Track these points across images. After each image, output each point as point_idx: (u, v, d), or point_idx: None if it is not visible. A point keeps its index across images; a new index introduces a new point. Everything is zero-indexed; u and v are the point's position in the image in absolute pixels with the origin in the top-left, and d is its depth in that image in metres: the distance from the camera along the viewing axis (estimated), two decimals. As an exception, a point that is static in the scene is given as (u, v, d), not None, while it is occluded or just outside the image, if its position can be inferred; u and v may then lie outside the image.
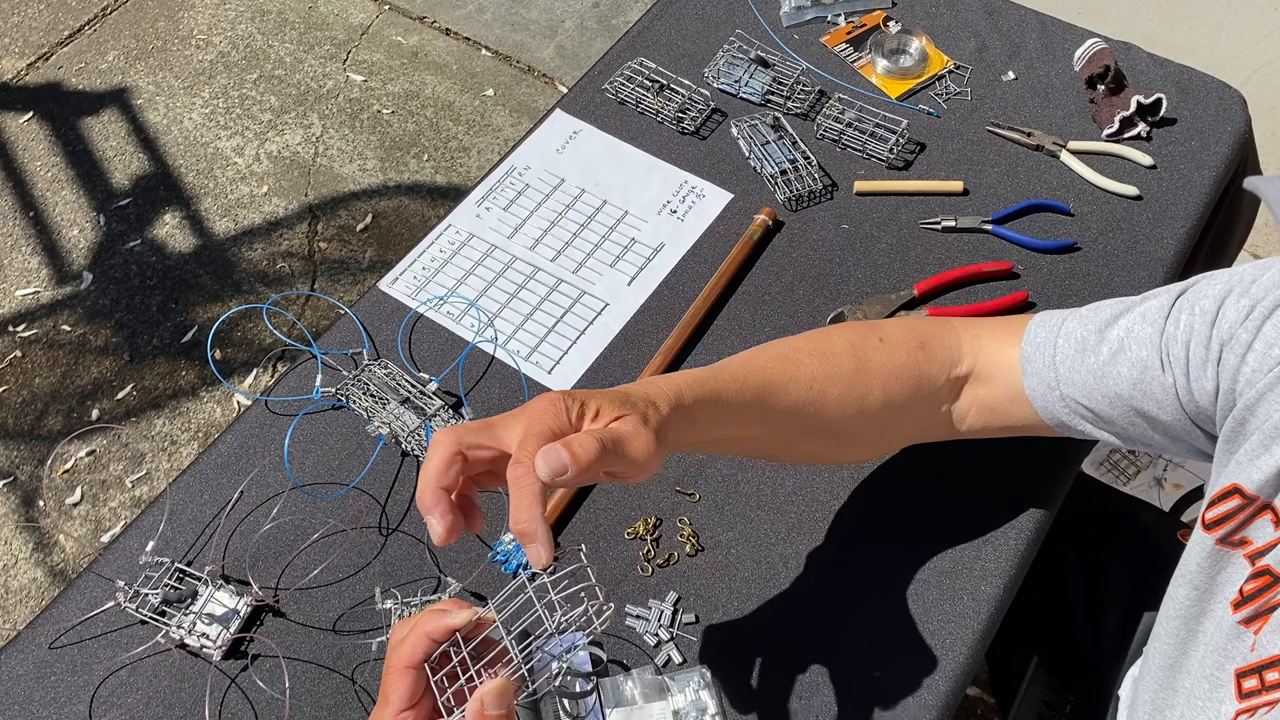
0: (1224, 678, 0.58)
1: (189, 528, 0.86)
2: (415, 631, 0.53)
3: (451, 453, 0.55)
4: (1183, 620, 0.64)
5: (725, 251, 1.01)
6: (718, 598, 0.81)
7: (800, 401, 0.70)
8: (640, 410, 0.58)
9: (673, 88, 1.12)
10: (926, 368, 0.74)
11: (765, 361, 0.71)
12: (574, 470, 0.53)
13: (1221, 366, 0.62)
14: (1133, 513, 1.06)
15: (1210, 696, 0.59)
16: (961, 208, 1.04)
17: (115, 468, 1.82)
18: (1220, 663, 0.59)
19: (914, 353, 0.74)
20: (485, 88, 2.38)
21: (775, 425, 0.71)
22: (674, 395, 0.62)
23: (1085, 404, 0.71)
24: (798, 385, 0.70)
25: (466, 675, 0.52)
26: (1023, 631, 0.97)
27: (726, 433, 0.68)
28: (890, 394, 0.73)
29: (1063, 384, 0.71)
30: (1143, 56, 1.15)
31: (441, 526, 0.54)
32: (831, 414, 0.71)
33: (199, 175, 2.22)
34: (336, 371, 0.94)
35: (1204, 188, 1.05)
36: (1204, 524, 0.62)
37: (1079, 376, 0.70)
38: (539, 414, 0.56)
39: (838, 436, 0.75)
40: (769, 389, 0.69)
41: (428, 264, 1.02)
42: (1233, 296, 0.62)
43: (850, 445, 0.78)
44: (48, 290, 2.06)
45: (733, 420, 0.67)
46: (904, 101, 1.12)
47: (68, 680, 0.78)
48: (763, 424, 0.70)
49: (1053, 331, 0.73)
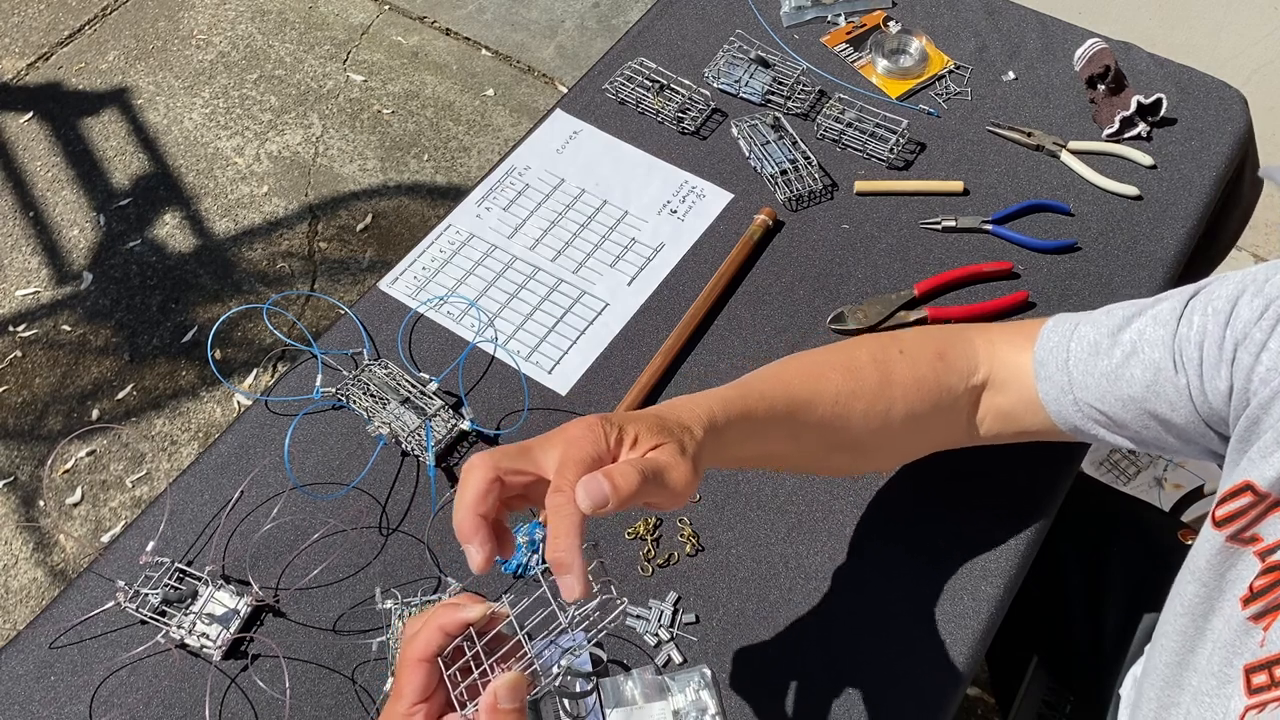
0: (1232, 674, 0.58)
1: (189, 528, 0.86)
2: (429, 625, 0.53)
3: (490, 479, 0.54)
4: (1190, 617, 0.64)
5: (725, 251, 1.01)
6: (718, 598, 0.81)
7: (826, 417, 0.70)
8: (677, 438, 0.58)
9: (673, 88, 1.12)
10: (946, 378, 0.74)
11: (791, 378, 0.71)
12: (615, 502, 0.52)
13: (1236, 366, 0.62)
14: (1133, 513, 1.06)
15: (1218, 693, 0.59)
16: (961, 208, 1.04)
17: (115, 468, 1.83)
18: (1229, 659, 0.59)
19: (934, 364, 0.74)
20: (485, 88, 2.38)
21: (801, 442, 0.71)
22: (707, 419, 0.61)
23: (1099, 408, 0.71)
24: (824, 401, 0.70)
25: (480, 670, 0.52)
26: (1023, 631, 0.97)
27: (754, 451, 0.68)
28: (912, 406, 0.73)
29: (1076, 388, 0.71)
30: (1143, 56, 1.15)
31: (480, 555, 0.54)
32: (856, 428, 0.71)
33: (199, 175, 2.22)
34: (336, 371, 0.94)
35: (1204, 188, 1.05)
36: (1214, 521, 0.62)
37: (1092, 380, 0.70)
38: (577, 440, 0.55)
39: (860, 449, 0.75)
40: (796, 406, 0.69)
41: (428, 264, 1.02)
42: (1246, 296, 0.62)
43: (871, 457, 0.78)
44: (48, 290, 2.06)
45: (761, 438, 0.67)
46: (904, 101, 1.12)
47: (68, 680, 0.78)
48: (790, 441, 0.70)
49: (1065, 336, 0.73)
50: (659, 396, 0.92)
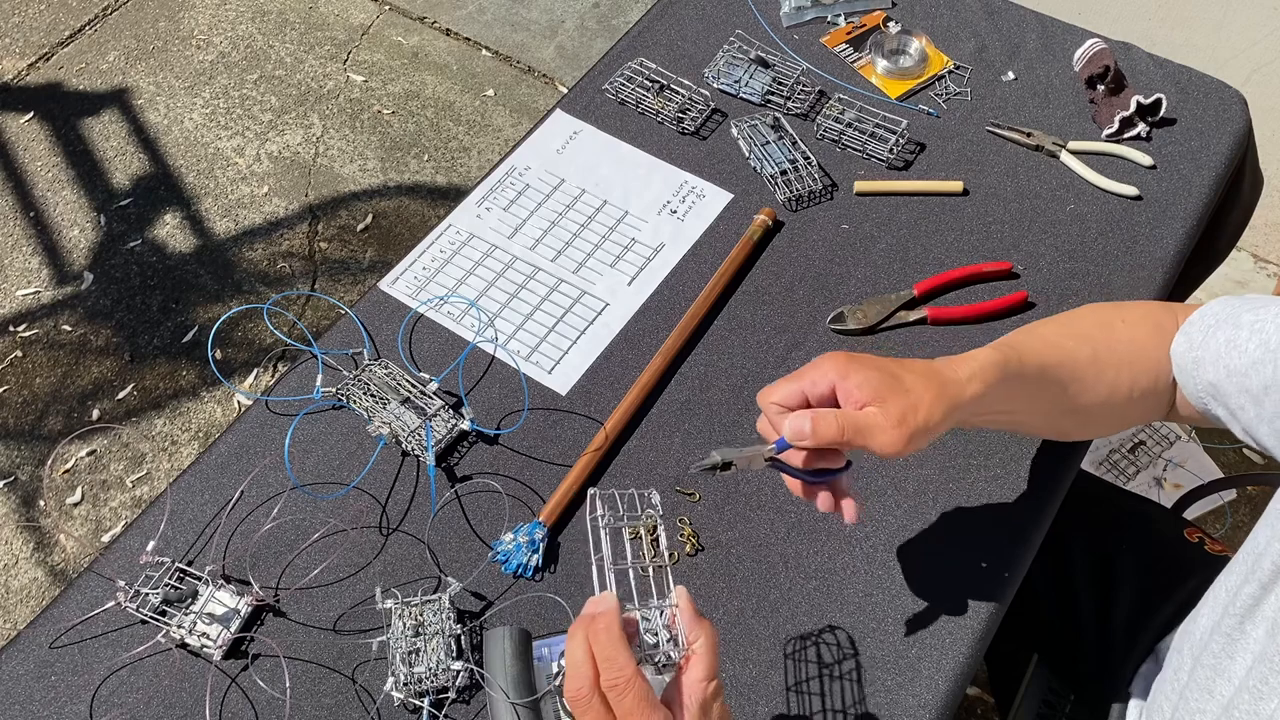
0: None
1: (189, 528, 0.86)
2: (609, 613, 0.57)
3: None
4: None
5: (725, 251, 1.01)
6: (718, 598, 0.82)
7: (1070, 384, 0.73)
8: (899, 408, 0.62)
9: (673, 88, 1.12)
10: (1161, 351, 0.76)
11: (1049, 343, 0.74)
12: (811, 443, 0.63)
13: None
14: (1142, 511, 1.06)
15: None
16: (961, 207, 1.04)
17: (116, 468, 1.83)
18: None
19: (1153, 335, 0.76)
20: (485, 88, 2.38)
21: (1046, 405, 0.74)
22: (957, 395, 0.66)
23: (1211, 379, 0.72)
24: (1071, 368, 0.73)
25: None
26: (1023, 630, 0.97)
27: (1004, 409, 0.71)
28: (1137, 377, 0.75)
29: (1201, 365, 0.73)
30: (1143, 56, 1.15)
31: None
32: (1089, 395, 0.74)
33: (199, 175, 2.22)
34: (337, 371, 0.94)
35: (1204, 188, 1.05)
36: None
37: (1209, 352, 0.72)
38: (816, 365, 0.66)
39: (1086, 415, 0.77)
40: (1048, 371, 0.72)
41: (428, 264, 1.02)
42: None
43: (1092, 425, 0.80)
44: (48, 290, 2.06)
45: (1017, 400, 0.71)
46: (904, 102, 1.12)
47: (68, 680, 0.78)
48: (1037, 403, 0.74)
49: (1212, 315, 0.74)
50: (659, 397, 0.92)
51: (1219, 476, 1.66)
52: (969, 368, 0.68)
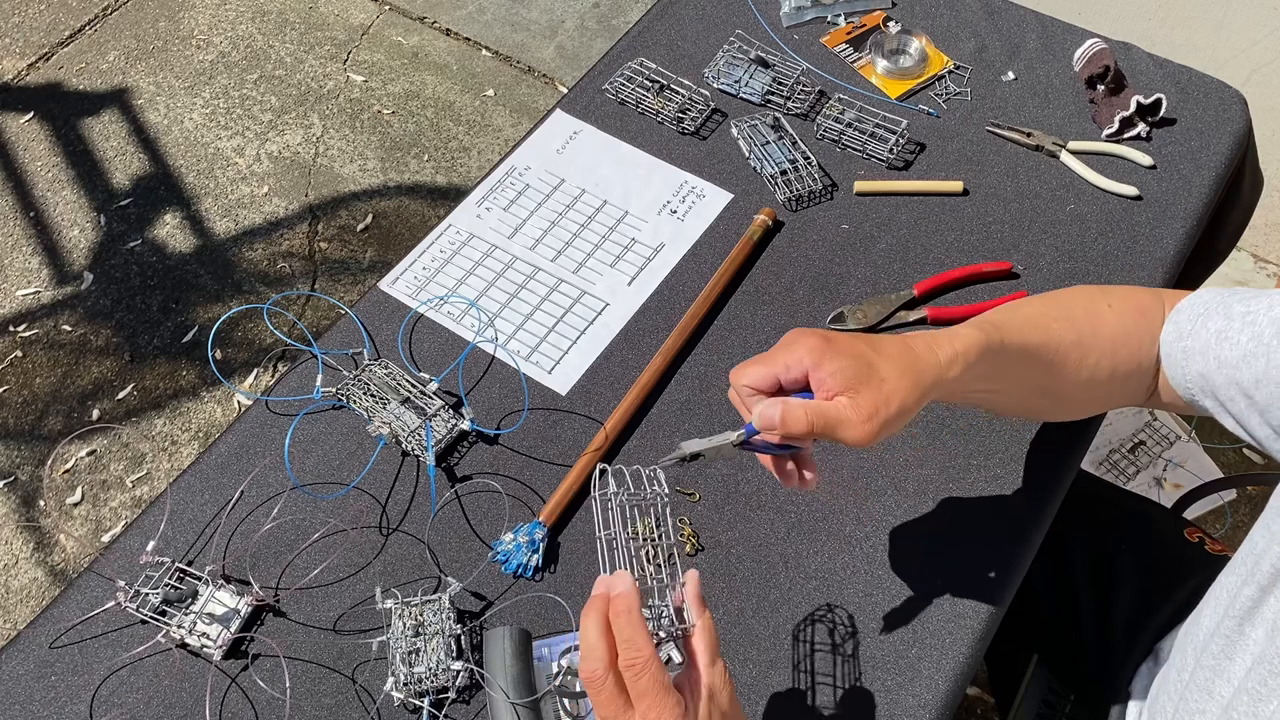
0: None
1: (189, 528, 0.86)
2: (628, 594, 0.58)
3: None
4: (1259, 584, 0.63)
5: (725, 251, 1.01)
6: (718, 597, 0.82)
7: (1049, 364, 0.73)
8: (871, 401, 0.62)
9: (673, 88, 1.12)
10: (1144, 336, 0.76)
11: (1025, 322, 0.74)
12: (779, 435, 0.63)
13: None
14: (1142, 511, 1.06)
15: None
16: (961, 207, 1.04)
17: (116, 468, 1.83)
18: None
19: (1137, 320, 0.76)
20: (485, 88, 2.38)
21: (1021, 385, 0.74)
22: (935, 380, 0.65)
23: (1201, 370, 0.71)
24: (1050, 349, 0.73)
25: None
26: (1023, 630, 0.97)
27: (982, 388, 0.71)
28: (1118, 362, 0.75)
29: (1190, 354, 0.72)
30: (1143, 56, 1.15)
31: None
32: (1068, 378, 0.74)
33: (199, 175, 2.22)
34: (337, 371, 0.94)
35: (1204, 188, 1.05)
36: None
37: (1199, 342, 0.71)
38: (788, 346, 0.65)
39: (1061, 398, 0.77)
40: (1029, 350, 0.72)
41: (428, 264, 1.02)
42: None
43: (1068, 406, 0.80)
44: (48, 290, 2.06)
45: (994, 379, 0.71)
46: (904, 102, 1.12)
47: (68, 680, 0.78)
48: (1013, 383, 0.73)
49: (1199, 304, 0.74)
50: (659, 397, 0.92)
51: (1219, 476, 1.66)
52: (950, 350, 0.67)
